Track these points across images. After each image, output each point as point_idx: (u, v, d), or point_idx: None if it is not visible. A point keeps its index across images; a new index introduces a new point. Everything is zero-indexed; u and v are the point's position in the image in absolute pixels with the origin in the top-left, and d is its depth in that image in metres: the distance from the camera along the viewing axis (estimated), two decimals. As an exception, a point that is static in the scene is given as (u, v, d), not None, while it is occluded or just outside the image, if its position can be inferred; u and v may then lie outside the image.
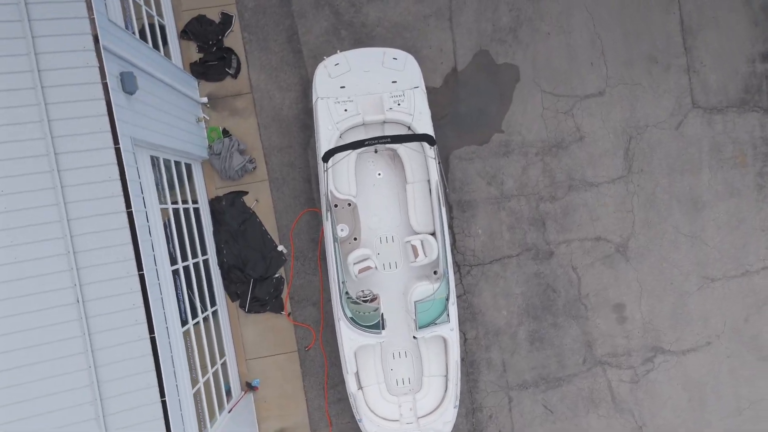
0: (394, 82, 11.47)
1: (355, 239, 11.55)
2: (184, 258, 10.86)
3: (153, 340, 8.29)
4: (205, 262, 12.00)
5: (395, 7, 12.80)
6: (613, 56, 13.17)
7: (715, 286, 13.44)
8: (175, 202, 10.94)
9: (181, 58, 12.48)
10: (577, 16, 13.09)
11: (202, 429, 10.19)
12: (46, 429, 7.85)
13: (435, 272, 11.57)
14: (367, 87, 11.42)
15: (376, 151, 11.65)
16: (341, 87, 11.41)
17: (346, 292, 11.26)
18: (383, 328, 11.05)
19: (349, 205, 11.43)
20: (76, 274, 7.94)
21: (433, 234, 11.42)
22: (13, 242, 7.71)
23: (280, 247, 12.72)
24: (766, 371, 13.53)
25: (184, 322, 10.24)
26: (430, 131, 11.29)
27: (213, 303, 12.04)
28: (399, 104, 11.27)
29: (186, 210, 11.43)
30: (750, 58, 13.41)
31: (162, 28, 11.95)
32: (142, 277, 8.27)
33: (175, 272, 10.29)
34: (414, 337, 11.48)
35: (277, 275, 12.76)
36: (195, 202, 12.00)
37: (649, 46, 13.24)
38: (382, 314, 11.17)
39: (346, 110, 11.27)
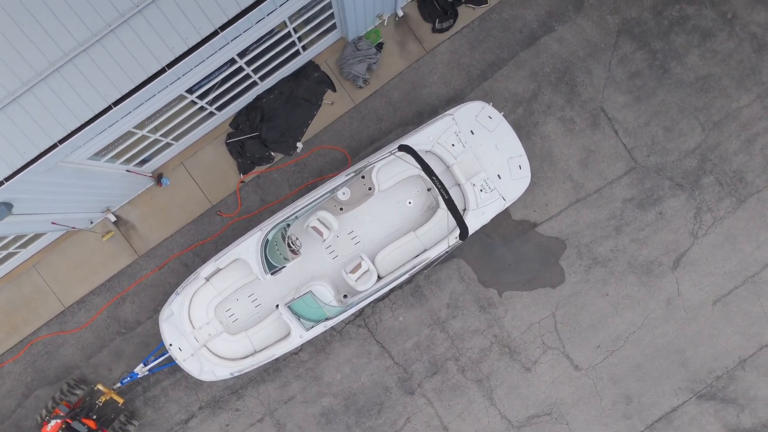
0: (498, 176, 11.49)
1: (341, 209, 11.49)
2: (250, 63, 10.78)
3: (170, 64, 8.18)
4: (253, 84, 11.91)
5: (566, 146, 12.85)
6: (603, 369, 13.27)
7: None
8: (295, 31, 10.89)
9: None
10: (624, 320, 13.18)
11: (100, 153, 10.06)
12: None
13: (345, 296, 11.50)
14: (482, 155, 11.42)
15: (429, 190, 11.63)
16: (471, 131, 11.43)
17: (288, 225, 11.19)
18: (270, 274, 10.96)
19: (369, 189, 11.39)
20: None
21: (379, 278, 11.36)
22: None
23: (300, 144, 12.64)
24: None
25: (190, 91, 10.15)
26: (472, 230, 11.29)
27: (219, 109, 11.93)
28: (482, 191, 11.28)
29: (292, 43, 11.37)
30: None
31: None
32: (214, 34, 8.20)
33: (232, 61, 10.21)
34: (277, 306, 11.41)
35: (274, 154, 12.67)
36: (304, 48, 11.95)
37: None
38: (284, 267, 11.11)
39: (453, 145, 11.27)
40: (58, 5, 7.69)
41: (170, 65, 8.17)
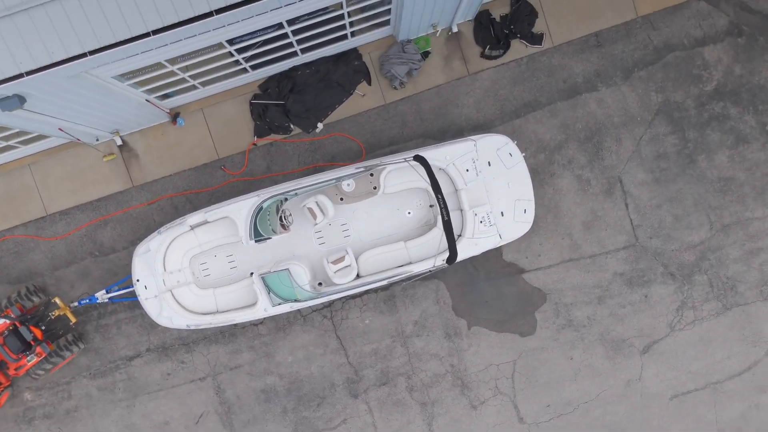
0: (501, 213, 11.47)
1: (341, 200, 11.46)
2: (296, 33, 10.75)
3: (219, 11, 8.12)
4: (293, 54, 11.87)
5: (575, 205, 12.86)
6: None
7: None
8: (349, 15, 10.86)
9: None
10: (581, 387, 13.18)
11: (126, 76, 10.01)
12: None
13: (320, 284, 11.46)
14: (492, 189, 11.40)
15: (431, 206, 11.61)
16: (488, 162, 11.41)
17: (286, 198, 11.16)
18: (254, 242, 10.91)
19: (374, 188, 11.36)
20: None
21: (358, 276, 11.32)
22: None
23: (320, 125, 12.61)
24: None
25: (231, 42, 10.11)
26: (461, 258, 11.25)
27: (253, 68, 11.90)
28: (481, 222, 11.26)
29: (343, 26, 11.34)
30: None
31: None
32: (271, -6, 8.19)
33: (280, 26, 10.17)
34: (251, 273, 11.36)
35: (293, 127, 12.64)
36: (353, 34, 11.93)
37: (575, 459, 13.34)
38: (269, 238, 11.06)
39: (467, 171, 11.25)
40: None
41: (219, 11, 8.11)
